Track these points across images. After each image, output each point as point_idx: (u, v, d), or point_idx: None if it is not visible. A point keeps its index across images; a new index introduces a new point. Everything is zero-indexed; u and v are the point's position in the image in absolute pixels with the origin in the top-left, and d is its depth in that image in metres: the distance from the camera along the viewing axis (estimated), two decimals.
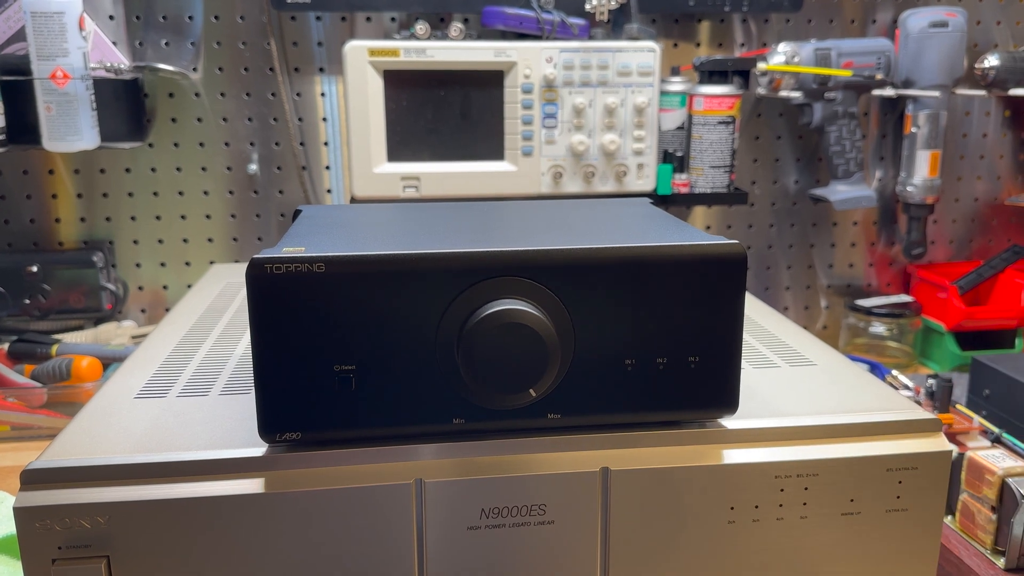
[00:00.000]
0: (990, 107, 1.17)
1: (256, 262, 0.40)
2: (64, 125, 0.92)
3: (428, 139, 0.98)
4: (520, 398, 0.42)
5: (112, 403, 0.50)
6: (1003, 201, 1.20)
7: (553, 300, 0.43)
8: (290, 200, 1.08)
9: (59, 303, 1.04)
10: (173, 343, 0.61)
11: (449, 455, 0.44)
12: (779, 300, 1.20)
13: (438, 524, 0.44)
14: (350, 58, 0.94)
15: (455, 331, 0.42)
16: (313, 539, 0.43)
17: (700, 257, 0.43)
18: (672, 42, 1.09)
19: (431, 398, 0.43)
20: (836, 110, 1.06)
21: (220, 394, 0.51)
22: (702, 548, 0.46)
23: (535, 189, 1.00)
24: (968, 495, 0.62)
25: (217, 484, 0.42)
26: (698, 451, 0.46)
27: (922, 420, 0.48)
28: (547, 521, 0.45)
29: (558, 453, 0.45)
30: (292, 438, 0.43)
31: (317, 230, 0.48)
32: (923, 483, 0.47)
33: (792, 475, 0.46)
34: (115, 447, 0.44)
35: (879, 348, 1.11)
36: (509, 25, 0.99)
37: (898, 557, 0.48)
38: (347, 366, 0.42)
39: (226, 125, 1.05)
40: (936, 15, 1.05)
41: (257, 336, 0.41)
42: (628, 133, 0.99)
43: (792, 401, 0.50)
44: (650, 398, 0.45)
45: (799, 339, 0.62)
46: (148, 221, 1.07)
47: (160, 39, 1.02)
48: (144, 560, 0.42)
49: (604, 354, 0.44)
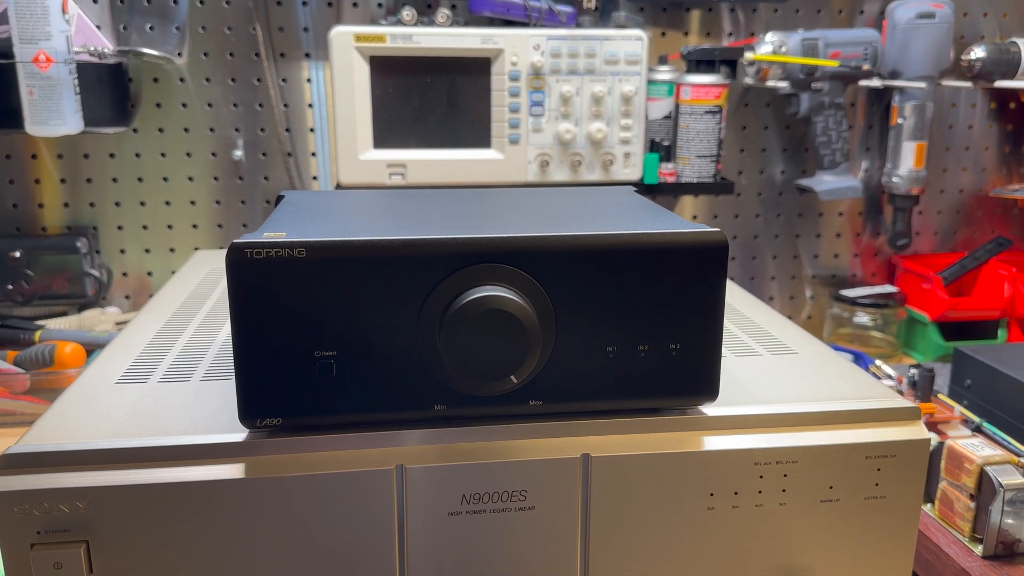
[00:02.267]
0: (976, 99, 1.18)
1: (236, 247, 0.40)
2: (47, 109, 0.91)
3: (414, 126, 0.97)
4: (501, 385, 0.42)
5: (93, 388, 0.50)
6: (988, 193, 1.21)
7: (535, 287, 0.43)
8: (275, 186, 1.08)
9: (42, 289, 1.03)
10: (155, 329, 0.61)
11: (430, 441, 0.44)
12: (764, 290, 1.20)
13: (419, 510, 0.44)
14: (336, 44, 0.93)
15: (437, 317, 0.42)
16: (294, 524, 0.43)
17: (682, 245, 0.44)
18: (660, 31, 1.09)
19: (412, 384, 0.43)
20: (823, 100, 1.06)
21: (202, 380, 0.51)
22: (682, 534, 0.47)
23: (522, 177, 1.00)
24: (947, 483, 0.63)
25: (197, 469, 0.42)
26: (678, 438, 0.46)
27: (901, 408, 0.48)
28: (528, 507, 0.45)
29: (539, 439, 0.45)
30: (273, 424, 0.43)
31: (299, 215, 0.48)
32: (901, 471, 0.47)
33: (771, 462, 0.46)
34: (95, 432, 0.44)
35: (863, 338, 1.12)
36: (496, 12, 0.98)
37: (876, 543, 0.48)
38: (328, 352, 0.42)
39: (211, 111, 1.04)
40: (923, 6, 1.05)
41: (237, 321, 0.41)
42: (615, 122, 0.99)
43: (773, 389, 0.50)
44: (631, 385, 0.45)
45: (782, 328, 0.62)
46: (132, 207, 1.06)
47: (145, 23, 1.01)
48: (124, 545, 0.42)
49: (586, 341, 0.44)
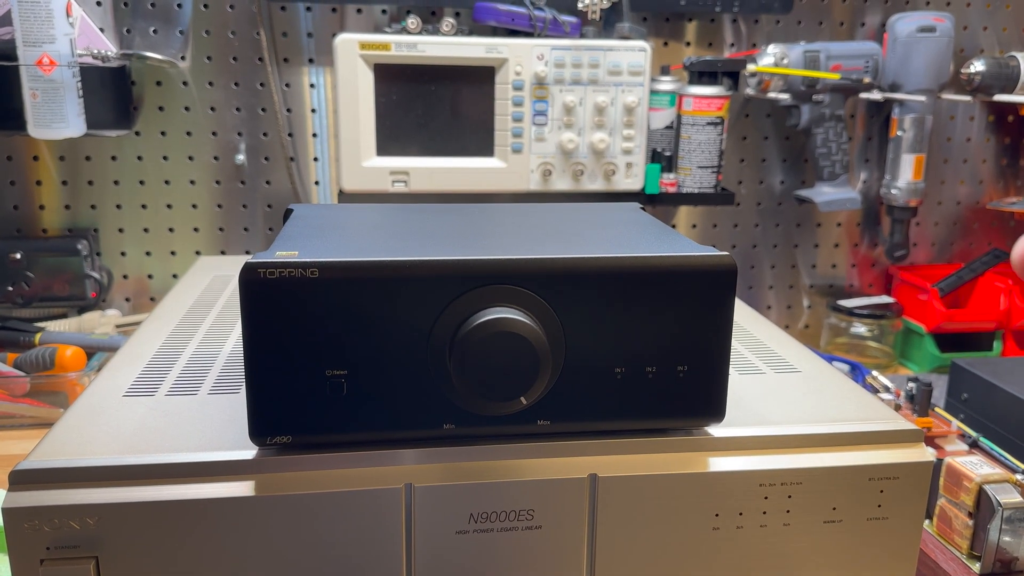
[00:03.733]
0: (975, 112, 1.18)
1: (250, 267, 0.41)
2: (50, 112, 0.91)
3: (418, 134, 0.98)
4: (511, 405, 0.43)
5: (101, 402, 0.50)
6: (985, 205, 1.22)
7: (545, 309, 0.43)
8: (277, 191, 1.08)
9: (43, 291, 1.03)
10: (161, 339, 0.61)
11: (439, 460, 0.45)
12: (762, 299, 1.21)
13: (427, 528, 0.44)
14: (341, 51, 0.93)
15: (447, 338, 0.42)
16: (302, 543, 0.43)
17: (691, 268, 0.44)
18: (662, 41, 1.09)
19: (422, 403, 0.44)
20: (823, 112, 1.07)
21: (209, 392, 0.51)
22: (687, 554, 0.47)
23: (524, 186, 1.00)
24: (946, 500, 0.63)
25: (206, 486, 0.42)
26: (685, 458, 0.46)
27: (904, 431, 0.49)
28: (535, 526, 0.45)
29: (547, 459, 0.46)
30: (282, 441, 0.43)
31: (309, 232, 0.48)
32: (904, 492, 0.48)
33: (776, 483, 0.47)
34: (104, 448, 0.44)
35: (860, 348, 1.13)
36: (501, 21, 0.99)
37: (878, 564, 0.49)
38: (339, 371, 0.42)
39: (214, 114, 1.04)
40: (924, 20, 1.05)
41: (249, 340, 0.41)
42: (617, 132, 0.99)
43: (777, 409, 0.51)
44: (638, 406, 0.45)
45: (783, 344, 0.63)
46: (134, 209, 1.06)
47: (148, 26, 1.01)
48: (133, 561, 0.42)
49: (594, 362, 0.44)
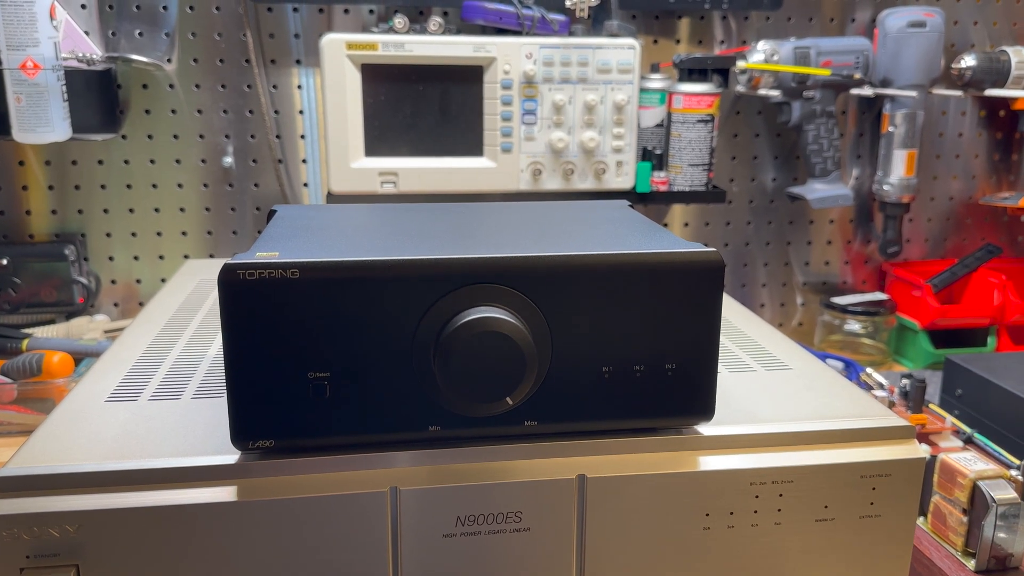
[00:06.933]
0: (966, 107, 1.18)
1: (229, 268, 0.40)
2: (35, 116, 0.90)
3: (406, 134, 0.97)
4: (497, 406, 0.42)
5: (83, 407, 0.49)
6: (977, 200, 1.21)
7: (531, 307, 0.42)
8: (265, 193, 1.07)
9: (30, 297, 1.02)
10: (145, 343, 0.60)
11: (424, 462, 0.44)
12: (755, 297, 1.20)
13: (413, 532, 0.44)
14: (327, 51, 0.93)
15: (432, 338, 0.42)
16: (287, 548, 0.42)
17: (677, 265, 0.43)
18: (652, 38, 1.08)
19: (407, 405, 0.43)
20: (814, 109, 1.06)
21: (193, 397, 0.51)
22: (678, 555, 0.46)
23: (514, 186, 0.99)
24: (940, 497, 0.63)
25: (189, 492, 0.42)
26: (674, 458, 0.46)
27: (896, 427, 0.48)
28: (523, 528, 0.45)
29: (534, 460, 0.45)
30: (265, 446, 0.42)
31: (292, 233, 0.48)
32: (896, 489, 0.47)
33: (767, 482, 0.46)
34: (85, 454, 0.43)
35: (854, 345, 1.12)
36: (489, 20, 0.98)
37: (871, 562, 0.48)
38: (321, 373, 0.42)
39: (201, 117, 1.04)
40: (914, 15, 1.05)
41: (229, 343, 0.41)
42: (607, 130, 0.99)
43: (768, 407, 0.50)
44: (627, 405, 0.45)
45: (774, 341, 0.62)
46: (121, 214, 1.05)
47: (134, 29, 1.00)
48: (114, 569, 0.41)
49: (581, 362, 0.44)
